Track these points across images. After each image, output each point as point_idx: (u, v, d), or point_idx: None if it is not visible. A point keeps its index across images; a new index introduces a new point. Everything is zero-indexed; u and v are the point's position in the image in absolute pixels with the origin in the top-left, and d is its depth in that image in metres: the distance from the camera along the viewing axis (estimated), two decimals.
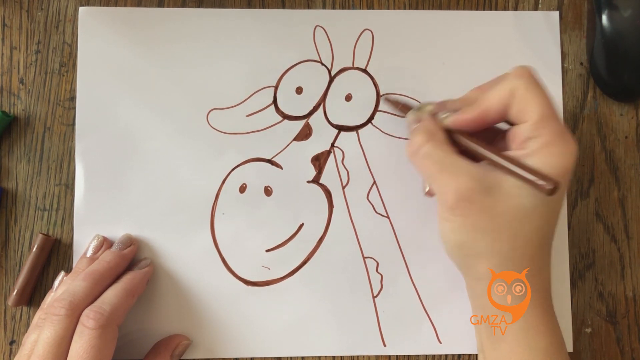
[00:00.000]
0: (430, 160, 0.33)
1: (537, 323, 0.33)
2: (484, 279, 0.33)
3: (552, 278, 0.39)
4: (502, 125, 0.35)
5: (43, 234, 0.39)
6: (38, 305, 0.39)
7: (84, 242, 0.39)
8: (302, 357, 0.39)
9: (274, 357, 0.39)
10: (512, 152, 0.32)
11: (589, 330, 0.40)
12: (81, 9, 0.40)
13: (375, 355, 0.39)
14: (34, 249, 0.39)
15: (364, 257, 0.40)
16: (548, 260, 0.34)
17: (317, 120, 0.41)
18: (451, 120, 0.34)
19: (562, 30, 0.42)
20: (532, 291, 0.33)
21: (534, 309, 0.33)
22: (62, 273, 0.38)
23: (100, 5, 0.41)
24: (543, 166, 0.31)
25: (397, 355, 0.39)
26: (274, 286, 0.39)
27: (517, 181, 0.31)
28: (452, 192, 0.32)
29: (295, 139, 0.41)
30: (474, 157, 0.34)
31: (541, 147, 0.31)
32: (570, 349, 0.40)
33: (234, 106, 0.40)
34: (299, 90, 0.41)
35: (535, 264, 0.33)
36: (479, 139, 0.34)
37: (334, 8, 0.42)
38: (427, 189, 0.37)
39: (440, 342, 0.39)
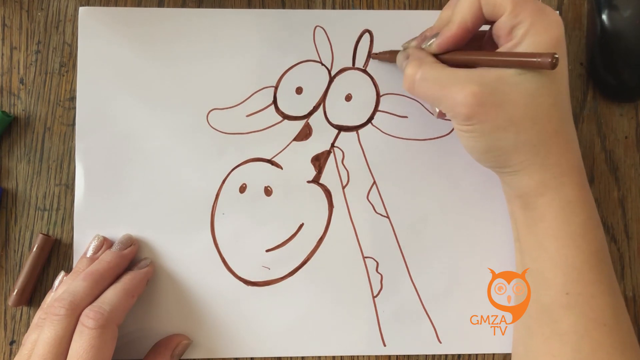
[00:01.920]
0: (429, 82, 0.33)
1: (574, 198, 0.33)
2: (521, 170, 0.34)
3: None
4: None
5: (43, 234, 0.39)
6: (38, 305, 0.39)
7: (84, 242, 0.39)
8: (302, 357, 0.39)
9: (274, 357, 0.39)
10: (503, 47, 0.33)
11: None
12: (81, 9, 0.40)
13: (375, 355, 0.39)
14: (34, 249, 0.39)
15: (364, 257, 0.40)
16: (574, 134, 0.34)
17: (317, 120, 0.41)
18: (436, 44, 0.35)
19: None
20: (568, 165, 0.33)
21: (570, 185, 0.33)
22: (62, 273, 0.38)
23: (100, 5, 0.41)
24: (536, 46, 0.31)
25: (397, 355, 0.39)
26: (274, 286, 0.39)
27: (516, 71, 0.32)
28: (462, 103, 0.32)
29: (295, 139, 0.41)
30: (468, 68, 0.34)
31: (526, 31, 0.32)
32: None
33: (234, 106, 0.40)
34: (299, 91, 0.41)
35: (562, 138, 0.33)
36: (467, 51, 0.34)
37: (334, 8, 0.42)
38: (437, 112, 0.36)
39: (440, 342, 0.39)
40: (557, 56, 0.30)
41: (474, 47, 0.36)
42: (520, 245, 0.36)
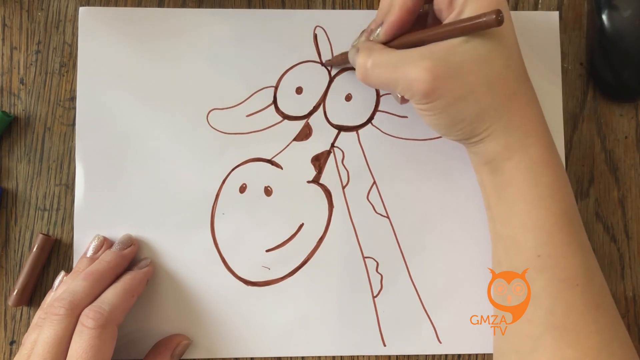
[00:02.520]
0: (381, 67, 0.33)
1: (540, 159, 0.33)
2: (487, 137, 0.34)
3: None
4: None
5: (43, 234, 0.39)
6: (38, 305, 0.39)
7: (84, 242, 0.39)
8: (302, 357, 0.39)
9: (274, 357, 0.39)
10: (447, 20, 0.33)
11: None
12: (81, 9, 0.40)
13: (375, 355, 0.39)
14: (34, 249, 0.39)
15: (364, 257, 0.40)
16: (533, 94, 0.34)
17: (317, 120, 0.41)
18: (382, 33, 0.35)
19: (562, 30, 0.42)
20: (532, 125, 0.33)
21: (535, 146, 0.33)
22: (62, 273, 0.38)
23: (100, 5, 0.41)
24: (478, 10, 0.31)
25: (397, 355, 0.39)
26: (274, 286, 0.39)
27: (464, 39, 0.32)
28: (417, 80, 0.32)
29: (295, 139, 0.41)
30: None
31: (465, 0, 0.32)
32: None
33: (234, 106, 0.40)
34: (299, 91, 0.41)
35: (522, 98, 0.33)
36: (414, 32, 0.34)
37: (334, 8, 0.42)
38: (399, 97, 0.36)
39: (440, 342, 0.39)
40: (501, 13, 0.30)
41: (419, 28, 0.36)
42: (491, 213, 0.36)
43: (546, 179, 0.33)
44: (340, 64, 0.40)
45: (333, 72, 0.41)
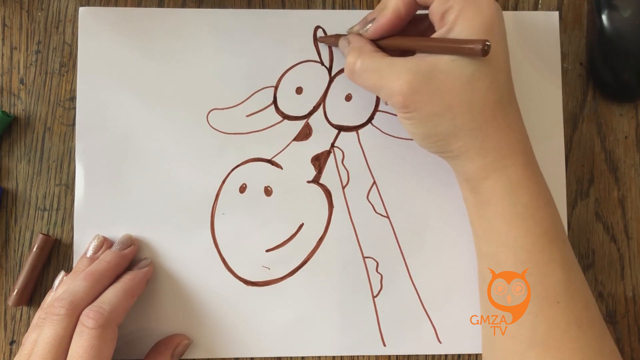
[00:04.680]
0: (367, 71, 0.34)
1: (519, 179, 0.33)
2: (461, 154, 0.34)
3: None
4: None
5: (43, 234, 0.39)
6: (38, 305, 0.39)
7: (84, 242, 0.39)
8: (302, 357, 0.39)
9: (274, 357, 0.39)
10: (437, 33, 0.33)
11: None
12: (81, 9, 0.40)
13: (375, 355, 0.39)
14: (34, 249, 0.39)
15: (364, 257, 0.40)
16: (516, 116, 0.34)
17: (317, 120, 0.41)
18: (371, 30, 0.35)
19: (562, 31, 0.42)
20: (510, 147, 0.33)
21: (513, 166, 0.33)
22: (62, 273, 0.38)
23: (100, 5, 0.41)
24: (467, 31, 0.32)
25: (397, 355, 0.39)
26: (274, 286, 0.39)
27: (450, 57, 0.32)
28: (398, 92, 0.33)
29: (295, 139, 0.41)
30: (407, 55, 0.34)
31: (457, 16, 0.32)
32: None
33: (234, 106, 0.40)
34: (299, 91, 0.41)
35: (502, 120, 0.33)
36: (404, 37, 0.35)
37: (334, 8, 0.42)
38: (384, 102, 0.37)
39: (440, 342, 0.39)
40: (488, 43, 0.30)
41: (417, 30, 0.37)
42: (474, 229, 0.36)
43: (525, 199, 0.33)
44: (332, 45, 0.40)
45: (333, 72, 0.41)
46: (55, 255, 0.40)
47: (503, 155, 0.33)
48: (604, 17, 0.40)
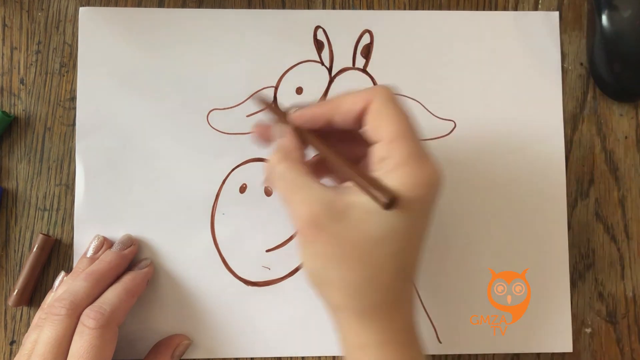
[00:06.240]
0: (283, 182, 0.31)
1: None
2: (339, 311, 0.31)
3: (552, 278, 0.40)
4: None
5: (43, 234, 0.39)
6: (38, 305, 0.39)
7: (84, 242, 0.39)
8: (302, 357, 0.39)
9: (274, 357, 0.39)
10: (370, 161, 0.31)
11: (589, 330, 0.40)
12: (81, 9, 0.40)
13: None
14: (34, 249, 0.39)
15: None
16: (409, 293, 0.32)
17: None
18: (297, 115, 0.32)
19: (562, 30, 0.42)
20: (387, 329, 0.30)
21: (387, 348, 0.30)
22: (63, 273, 0.38)
23: (100, 6, 0.41)
24: (395, 188, 0.28)
25: None
26: (274, 286, 0.39)
27: (366, 207, 0.29)
28: (301, 218, 0.29)
29: None
30: (339, 177, 0.33)
31: (393, 168, 0.29)
32: (570, 349, 0.40)
33: (234, 106, 0.40)
34: (299, 91, 0.41)
35: (392, 295, 0.30)
36: (331, 148, 0.32)
37: (334, 8, 0.42)
38: None
39: (440, 342, 0.39)
40: (396, 199, 0.28)
41: (359, 144, 0.33)
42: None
43: None
44: (265, 111, 0.38)
45: (333, 72, 0.41)
46: (55, 255, 0.40)
47: (382, 341, 0.30)
48: (604, 17, 0.40)
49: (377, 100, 0.30)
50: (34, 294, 0.39)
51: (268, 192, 0.40)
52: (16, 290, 0.38)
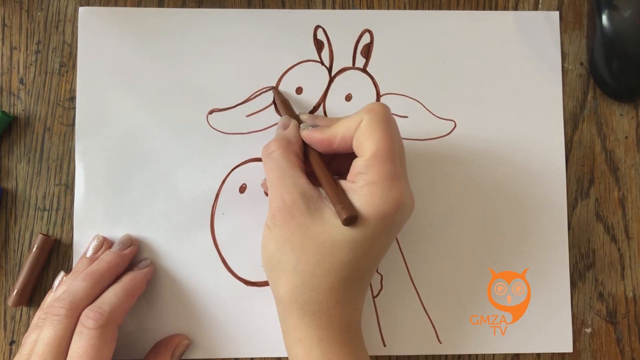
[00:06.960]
0: (275, 165, 0.34)
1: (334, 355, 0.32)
2: (283, 303, 0.33)
3: (552, 278, 0.40)
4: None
5: (43, 234, 0.39)
6: (38, 305, 0.39)
7: (84, 242, 0.39)
8: None
9: (274, 357, 0.39)
10: (344, 183, 0.33)
11: (589, 330, 0.40)
12: (81, 9, 0.40)
13: (375, 355, 0.39)
14: (34, 249, 0.39)
15: None
16: (355, 298, 0.33)
17: None
18: (304, 133, 0.35)
19: (562, 30, 0.42)
20: (325, 327, 0.32)
21: (325, 345, 0.32)
22: (62, 273, 0.38)
23: (100, 5, 0.41)
24: (363, 204, 0.31)
25: (397, 355, 0.39)
26: None
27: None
28: (278, 201, 0.32)
29: None
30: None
31: (365, 185, 0.32)
32: (570, 349, 0.40)
33: (234, 106, 0.40)
34: (299, 91, 0.41)
35: (334, 297, 0.32)
36: (324, 165, 0.34)
37: (334, 8, 0.42)
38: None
39: (440, 342, 0.39)
40: (354, 218, 0.30)
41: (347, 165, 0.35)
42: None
43: None
44: (278, 104, 0.40)
45: (333, 72, 0.41)
46: (55, 255, 0.40)
47: (321, 338, 0.32)
48: (604, 17, 0.40)
49: (365, 119, 0.32)
50: (34, 294, 0.39)
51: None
52: (16, 290, 0.38)
